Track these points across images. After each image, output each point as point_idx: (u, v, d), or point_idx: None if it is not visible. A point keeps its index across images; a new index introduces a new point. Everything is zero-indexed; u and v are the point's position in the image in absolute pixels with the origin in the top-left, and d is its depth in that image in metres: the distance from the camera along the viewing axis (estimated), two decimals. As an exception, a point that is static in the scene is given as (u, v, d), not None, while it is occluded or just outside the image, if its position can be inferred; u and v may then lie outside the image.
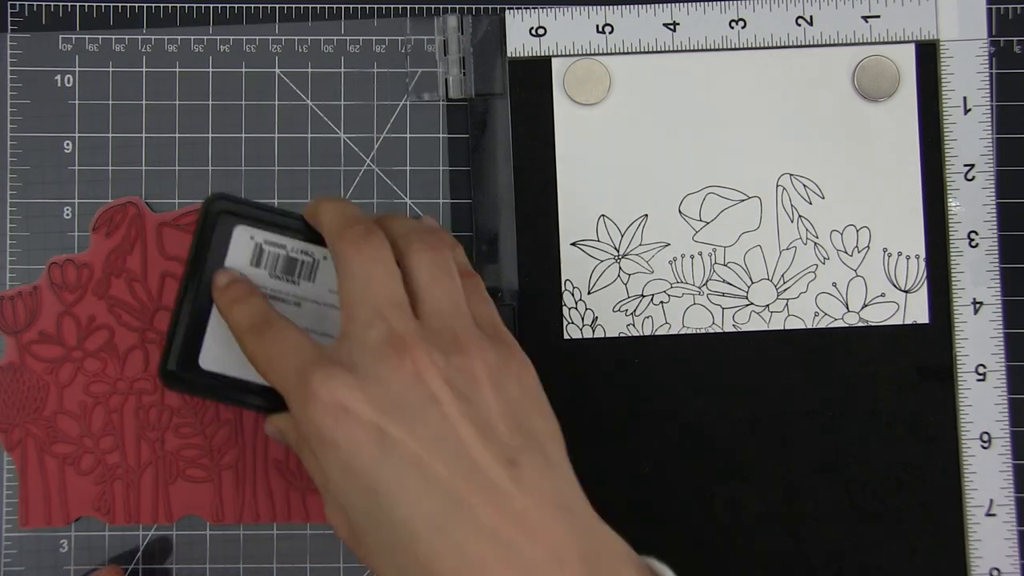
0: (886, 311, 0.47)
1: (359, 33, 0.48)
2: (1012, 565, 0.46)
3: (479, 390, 0.36)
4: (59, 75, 0.48)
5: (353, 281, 0.37)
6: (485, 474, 0.34)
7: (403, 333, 0.35)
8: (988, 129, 0.47)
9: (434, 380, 0.35)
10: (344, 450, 0.35)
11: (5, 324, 0.47)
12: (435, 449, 0.34)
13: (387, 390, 0.35)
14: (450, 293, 0.38)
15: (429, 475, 0.34)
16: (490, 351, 0.37)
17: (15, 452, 0.47)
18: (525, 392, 0.37)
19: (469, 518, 0.33)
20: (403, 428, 0.34)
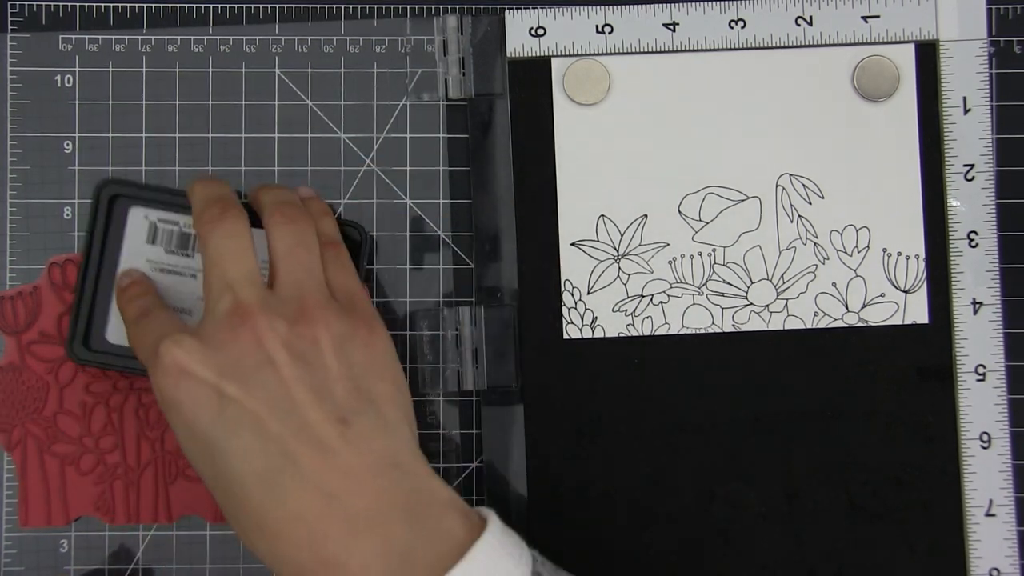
0: (886, 311, 0.47)
1: (359, 33, 0.48)
2: (1012, 565, 0.46)
3: (320, 355, 0.38)
4: (59, 75, 0.48)
5: (210, 258, 0.40)
6: (314, 432, 0.37)
7: (247, 302, 0.38)
8: (988, 129, 0.47)
9: (272, 345, 0.38)
10: (186, 410, 0.37)
11: (5, 324, 0.47)
12: (269, 408, 0.37)
13: (227, 354, 0.38)
14: (304, 264, 0.40)
15: (262, 433, 0.37)
16: (337, 319, 0.39)
17: (15, 452, 0.47)
18: (371, 358, 0.40)
19: (296, 473, 0.36)
20: (239, 389, 0.37)
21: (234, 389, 0.37)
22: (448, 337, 0.47)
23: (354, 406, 0.38)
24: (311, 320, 0.39)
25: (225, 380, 0.37)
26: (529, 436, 0.47)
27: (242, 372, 0.37)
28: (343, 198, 0.48)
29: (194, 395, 0.37)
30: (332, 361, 0.38)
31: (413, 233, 0.48)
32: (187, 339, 0.38)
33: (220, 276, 0.39)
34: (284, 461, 0.36)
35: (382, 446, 0.38)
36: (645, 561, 0.47)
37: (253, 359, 0.37)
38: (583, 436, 0.47)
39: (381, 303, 0.48)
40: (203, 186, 0.42)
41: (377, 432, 0.38)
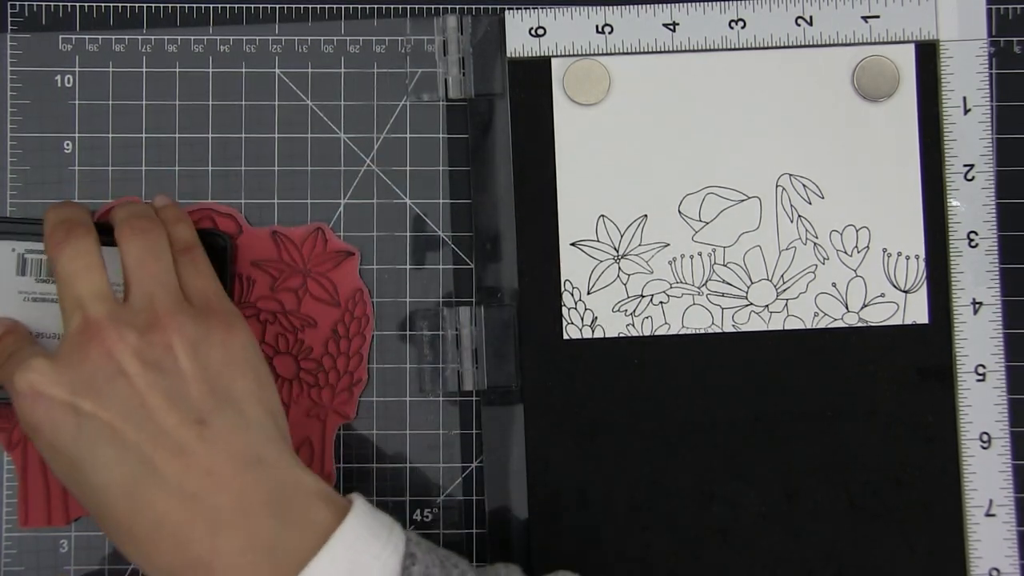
0: (886, 311, 0.47)
1: (359, 33, 0.48)
2: (1012, 565, 0.46)
3: (174, 360, 0.39)
4: (59, 75, 0.48)
5: (59, 279, 0.40)
6: (171, 436, 0.37)
7: (95, 317, 0.39)
8: (988, 129, 0.47)
9: (123, 356, 0.38)
10: (46, 431, 0.38)
11: (5, 324, 0.47)
12: (124, 418, 0.37)
13: (79, 371, 0.38)
14: (154, 273, 0.41)
15: (119, 443, 0.37)
16: (191, 322, 0.40)
17: (15, 452, 0.47)
18: (228, 356, 0.40)
19: (156, 478, 0.37)
20: (94, 403, 0.37)
21: (88, 404, 0.37)
22: (448, 337, 0.47)
23: (211, 406, 0.38)
24: (163, 327, 0.39)
25: (79, 396, 0.38)
26: (529, 436, 0.47)
27: (95, 386, 0.38)
28: (343, 198, 0.48)
29: (51, 415, 0.38)
30: (187, 364, 0.39)
31: (413, 233, 0.48)
32: (39, 361, 0.38)
33: (71, 295, 0.40)
34: (143, 468, 0.37)
35: (242, 443, 0.38)
36: (645, 561, 0.47)
37: (105, 372, 0.38)
38: (583, 436, 0.47)
39: (381, 303, 0.48)
40: (54, 211, 0.42)
41: (236, 429, 0.38)
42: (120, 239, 0.41)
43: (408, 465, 0.48)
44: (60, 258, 0.40)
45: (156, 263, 0.41)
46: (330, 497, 0.38)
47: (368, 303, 0.48)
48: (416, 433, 0.48)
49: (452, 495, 0.48)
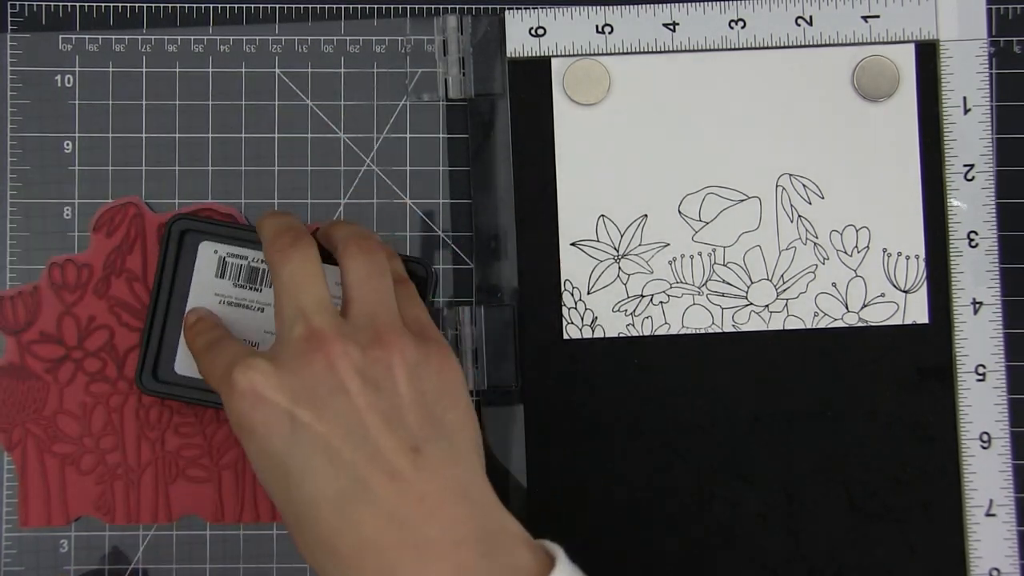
0: (886, 311, 0.47)
1: (359, 33, 0.48)
2: (1012, 565, 0.46)
3: (393, 381, 0.38)
4: (59, 75, 0.48)
5: (282, 286, 0.40)
6: (387, 459, 0.37)
7: (320, 328, 0.38)
8: (988, 129, 0.47)
9: (346, 371, 0.37)
10: (260, 434, 0.37)
11: (5, 324, 0.47)
12: (342, 434, 0.37)
13: (301, 380, 0.37)
14: (378, 292, 0.40)
15: (334, 458, 0.37)
16: (410, 346, 0.39)
17: (15, 452, 0.47)
18: (442, 386, 0.39)
19: (369, 498, 0.36)
20: (312, 414, 0.37)
21: (307, 414, 0.37)
22: (448, 337, 0.47)
23: (426, 434, 0.38)
24: (385, 345, 0.38)
25: (298, 405, 0.37)
26: (529, 436, 0.47)
27: (315, 398, 0.37)
28: (343, 198, 0.48)
29: (268, 419, 0.37)
30: (405, 388, 0.38)
31: (413, 233, 0.48)
32: (261, 363, 0.38)
33: (293, 303, 0.39)
34: (357, 487, 0.36)
35: (453, 475, 0.37)
36: (645, 561, 0.47)
37: (326, 385, 0.37)
38: (583, 436, 0.47)
39: (381, 303, 0.48)
40: (273, 218, 0.42)
41: (448, 461, 0.37)
42: (345, 256, 0.41)
43: (408, 465, 0.48)
44: (286, 265, 0.40)
45: (380, 282, 0.40)
46: (532, 544, 0.38)
47: (368, 303, 0.48)
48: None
49: (452, 495, 0.48)
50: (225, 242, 0.46)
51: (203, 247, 0.46)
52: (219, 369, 0.40)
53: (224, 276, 0.46)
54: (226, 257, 0.46)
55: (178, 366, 0.45)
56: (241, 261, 0.46)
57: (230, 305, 0.46)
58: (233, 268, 0.46)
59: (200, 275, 0.46)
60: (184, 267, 0.46)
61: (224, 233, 0.46)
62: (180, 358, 0.45)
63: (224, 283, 0.46)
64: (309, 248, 0.40)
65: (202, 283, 0.46)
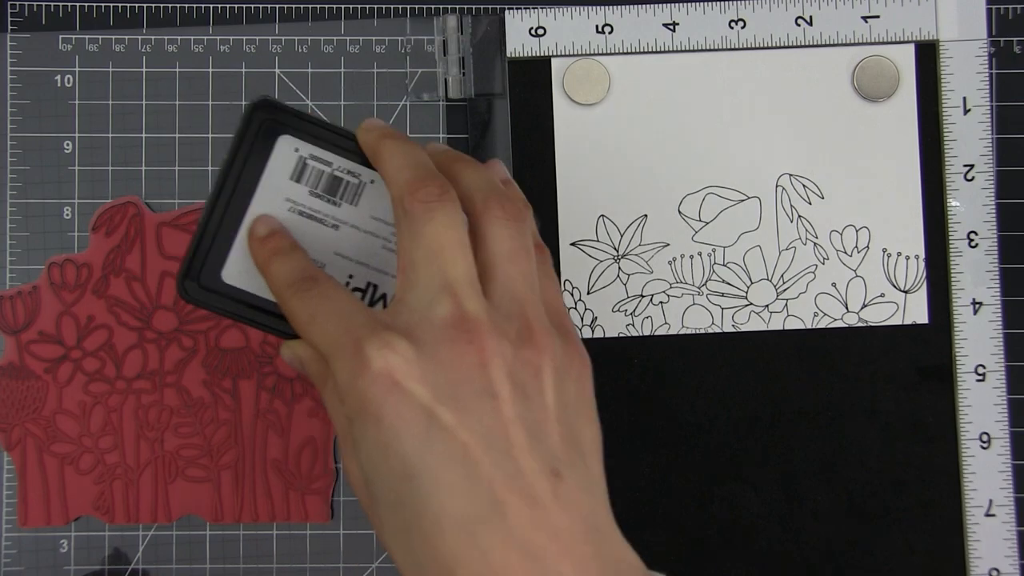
0: (886, 311, 0.47)
1: (359, 33, 0.48)
2: (1011, 565, 0.46)
3: (540, 388, 0.33)
4: (59, 75, 0.48)
5: (421, 246, 0.34)
6: (528, 482, 0.32)
7: (473, 315, 0.33)
8: (988, 129, 0.47)
9: (497, 373, 0.33)
10: (387, 427, 0.32)
11: (5, 324, 0.47)
12: (483, 446, 0.32)
13: (447, 374, 0.32)
14: (526, 275, 0.35)
15: (471, 472, 0.32)
16: (559, 347, 0.34)
17: (15, 451, 0.47)
18: (580, 394, 0.35)
19: (503, 524, 0.32)
20: (455, 417, 0.32)
21: (450, 417, 0.32)
22: None
23: (567, 456, 0.33)
24: (537, 345, 0.34)
25: (440, 404, 0.32)
26: (529, 436, 0.47)
27: (460, 398, 0.32)
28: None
29: (402, 413, 0.32)
30: (551, 398, 0.33)
31: (413, 233, 0.48)
32: (402, 343, 0.32)
33: (439, 273, 0.33)
34: (492, 509, 0.32)
35: (588, 507, 0.33)
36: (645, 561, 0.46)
37: (475, 385, 0.32)
38: (583, 436, 0.47)
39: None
40: (404, 150, 0.36)
41: (584, 490, 0.33)
42: (487, 218, 0.35)
43: (408, 465, 0.48)
44: (431, 221, 0.34)
45: (528, 262, 0.35)
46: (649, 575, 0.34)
47: (368, 303, 0.47)
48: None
49: (452, 495, 0.48)
50: (310, 141, 0.39)
51: (282, 142, 0.38)
52: (334, 330, 0.34)
53: (301, 180, 0.39)
54: (308, 159, 0.39)
55: (227, 274, 0.38)
56: (324, 167, 0.39)
57: (300, 215, 0.39)
58: (313, 173, 0.39)
59: (272, 174, 0.38)
60: (256, 159, 0.38)
61: (311, 131, 0.39)
62: (232, 264, 0.38)
63: (299, 188, 0.39)
64: (459, 208, 0.34)
65: (273, 183, 0.39)
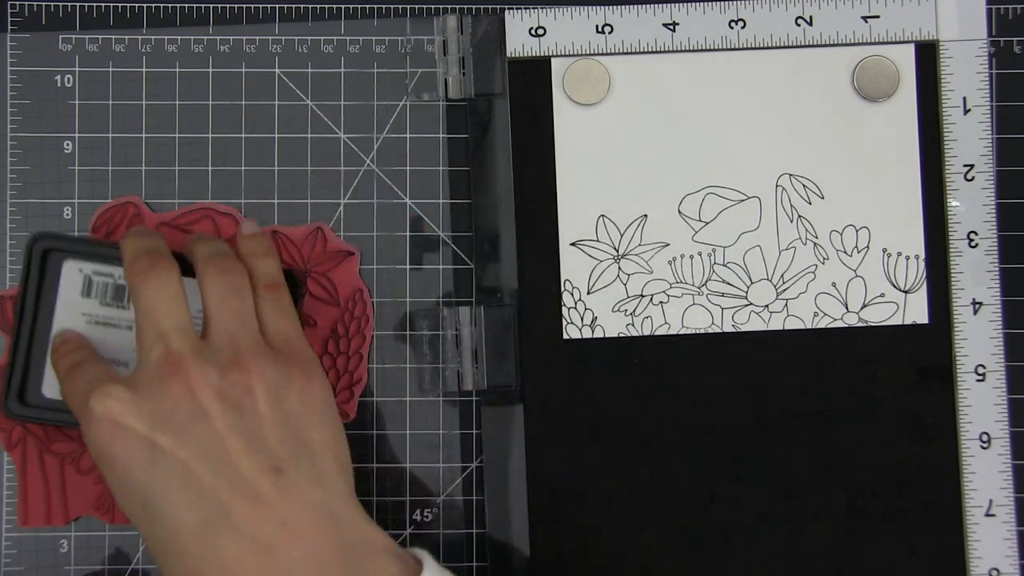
0: (886, 311, 0.47)
1: (359, 33, 0.48)
2: (1011, 565, 0.46)
3: (254, 403, 0.38)
4: (59, 75, 0.48)
5: (141, 309, 0.40)
6: (249, 483, 0.37)
7: (179, 351, 0.38)
8: (988, 129, 0.47)
9: (205, 395, 0.37)
10: (120, 463, 0.37)
11: (5, 324, 0.47)
12: (202, 460, 0.37)
13: (160, 405, 0.37)
14: (237, 312, 0.40)
15: (195, 485, 0.36)
16: (271, 367, 0.39)
17: (15, 451, 0.47)
18: (306, 405, 0.39)
19: (230, 525, 0.36)
20: (172, 440, 0.37)
21: (168, 440, 0.37)
22: (448, 337, 0.47)
23: (288, 455, 0.38)
24: (244, 368, 0.38)
25: (157, 432, 0.37)
26: (529, 436, 0.47)
27: (175, 423, 0.37)
28: (343, 198, 0.48)
29: (127, 447, 0.37)
30: (266, 409, 0.38)
31: (413, 233, 0.48)
32: (118, 389, 0.38)
33: (152, 327, 0.39)
34: (218, 513, 0.36)
35: (318, 496, 0.38)
36: (645, 561, 0.47)
37: (186, 409, 0.37)
38: (583, 436, 0.47)
39: (381, 303, 0.48)
40: (135, 239, 0.42)
41: (311, 481, 0.38)
42: (203, 277, 0.41)
43: (408, 465, 0.48)
44: (144, 288, 0.40)
45: (239, 302, 0.40)
46: (399, 554, 0.38)
47: (368, 303, 0.48)
48: (416, 433, 0.48)
49: (452, 495, 0.48)
50: (90, 260, 0.45)
51: (67, 266, 0.45)
52: (79, 395, 0.39)
53: (90, 295, 0.45)
54: (91, 275, 0.45)
55: (46, 389, 0.44)
56: (107, 279, 0.45)
57: (98, 324, 0.45)
58: (99, 286, 0.45)
59: (66, 295, 0.45)
60: (49, 287, 0.45)
61: (87, 251, 0.45)
62: (48, 381, 0.44)
63: (91, 302, 0.45)
64: (168, 271, 0.40)
65: (68, 303, 0.45)
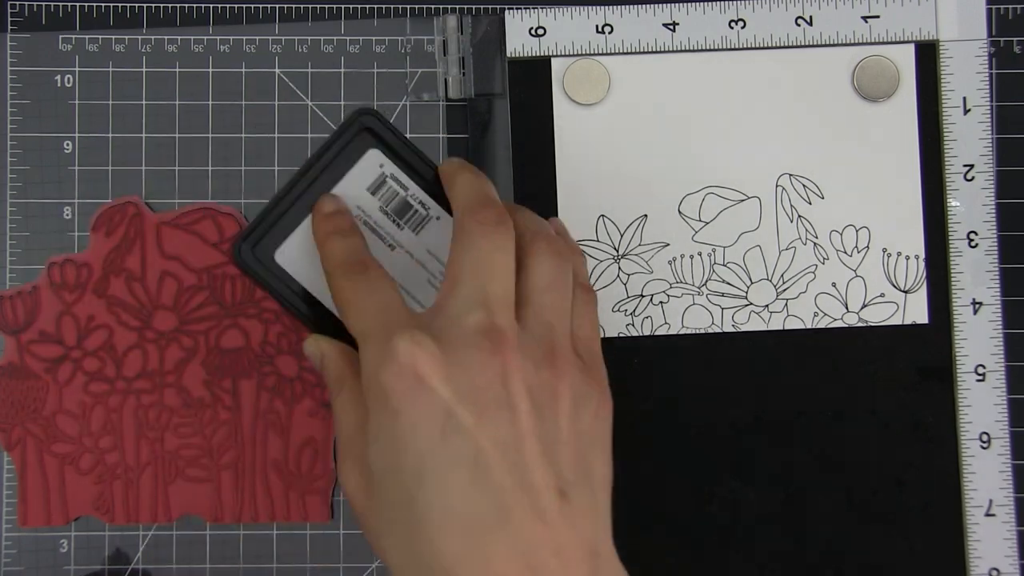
0: (886, 311, 0.47)
1: (359, 33, 0.48)
2: (1011, 565, 0.46)
3: (556, 410, 0.35)
4: (59, 75, 0.48)
5: (470, 260, 0.36)
6: (536, 496, 0.33)
7: (503, 328, 0.34)
8: (988, 129, 0.47)
9: (517, 386, 0.34)
10: (405, 420, 0.33)
11: (5, 324, 0.47)
12: (498, 452, 0.33)
13: (471, 378, 0.33)
14: (559, 306, 0.37)
15: (484, 474, 0.33)
16: (579, 376, 0.36)
17: (15, 451, 0.47)
18: (597, 428, 0.36)
19: (507, 534, 0.32)
20: (474, 419, 0.33)
21: (468, 417, 0.33)
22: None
23: (575, 479, 0.34)
24: (557, 369, 0.35)
25: (462, 404, 0.33)
26: (529, 436, 0.47)
27: (480, 403, 0.33)
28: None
29: (422, 408, 0.33)
30: (565, 422, 0.35)
31: (413, 233, 0.48)
32: (430, 341, 0.34)
33: (479, 287, 0.35)
34: (497, 517, 0.32)
35: (591, 530, 0.34)
36: (645, 561, 0.47)
37: (495, 394, 0.33)
38: (583, 436, 0.47)
39: (381, 303, 0.48)
40: (475, 179, 0.38)
41: (589, 513, 0.34)
42: (532, 251, 0.37)
43: (408, 465, 0.48)
44: (481, 241, 0.36)
45: (564, 295, 0.37)
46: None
47: (368, 303, 0.47)
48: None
49: (452, 495, 0.48)
50: (396, 161, 0.41)
51: (371, 154, 0.41)
52: (371, 317, 0.35)
53: (376, 194, 0.41)
54: (388, 177, 0.41)
55: (280, 253, 0.41)
56: (400, 190, 0.41)
57: (364, 224, 0.41)
58: (389, 192, 0.41)
59: (353, 179, 0.41)
60: (343, 160, 0.41)
61: (400, 153, 0.41)
62: (288, 246, 0.41)
63: (372, 201, 0.41)
64: (510, 235, 0.36)
65: (351, 187, 0.41)
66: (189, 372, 0.47)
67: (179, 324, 0.47)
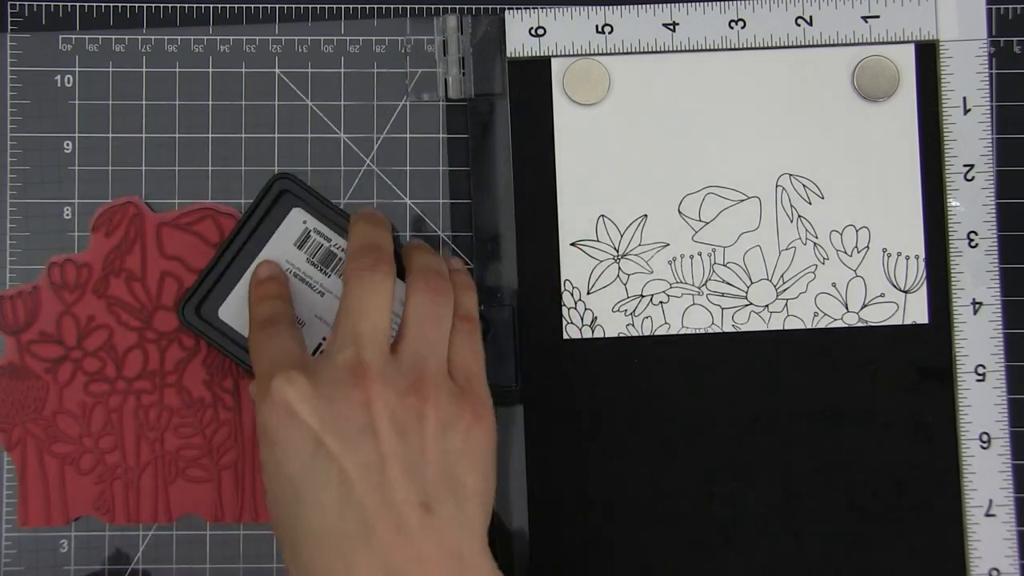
0: (886, 311, 0.47)
1: (359, 33, 0.48)
2: (1011, 565, 0.46)
3: (421, 432, 0.38)
4: (59, 75, 0.48)
5: (346, 304, 0.40)
6: (397, 511, 0.37)
7: (367, 362, 0.38)
8: (988, 129, 0.47)
9: (379, 414, 0.37)
10: (281, 447, 0.38)
11: (5, 324, 0.47)
12: (360, 474, 0.37)
13: (335, 409, 0.37)
14: (431, 338, 0.40)
15: (347, 494, 0.37)
16: (446, 401, 0.39)
17: (15, 451, 0.47)
18: (467, 446, 0.39)
19: (369, 546, 0.36)
20: (338, 445, 0.37)
21: (333, 444, 0.37)
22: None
23: (439, 493, 0.38)
24: (423, 395, 0.38)
25: (326, 432, 0.37)
26: (529, 436, 0.47)
27: (343, 430, 0.37)
28: (343, 198, 0.48)
29: (294, 435, 0.37)
30: (431, 442, 0.38)
31: (413, 233, 0.48)
32: (301, 380, 0.38)
33: (351, 326, 0.39)
34: (360, 531, 0.36)
35: (455, 539, 0.37)
36: (645, 561, 0.47)
37: (358, 421, 0.37)
38: (583, 436, 0.47)
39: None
40: (366, 225, 0.42)
41: (454, 524, 0.38)
42: (412, 290, 0.41)
43: (408, 465, 0.48)
44: (357, 285, 0.40)
45: (437, 328, 0.40)
46: None
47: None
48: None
49: (452, 495, 0.48)
50: (317, 217, 0.45)
51: (295, 213, 0.45)
52: (265, 362, 0.40)
53: (302, 248, 0.45)
54: (312, 231, 0.45)
55: (223, 311, 0.45)
56: (324, 241, 0.45)
57: (295, 277, 0.45)
58: (313, 244, 0.45)
59: (281, 237, 0.45)
60: (270, 223, 0.45)
61: (319, 209, 0.45)
62: (229, 304, 0.45)
63: (299, 254, 0.45)
64: (386, 278, 0.40)
65: (280, 245, 0.45)
66: (189, 372, 0.47)
67: (179, 324, 0.47)
